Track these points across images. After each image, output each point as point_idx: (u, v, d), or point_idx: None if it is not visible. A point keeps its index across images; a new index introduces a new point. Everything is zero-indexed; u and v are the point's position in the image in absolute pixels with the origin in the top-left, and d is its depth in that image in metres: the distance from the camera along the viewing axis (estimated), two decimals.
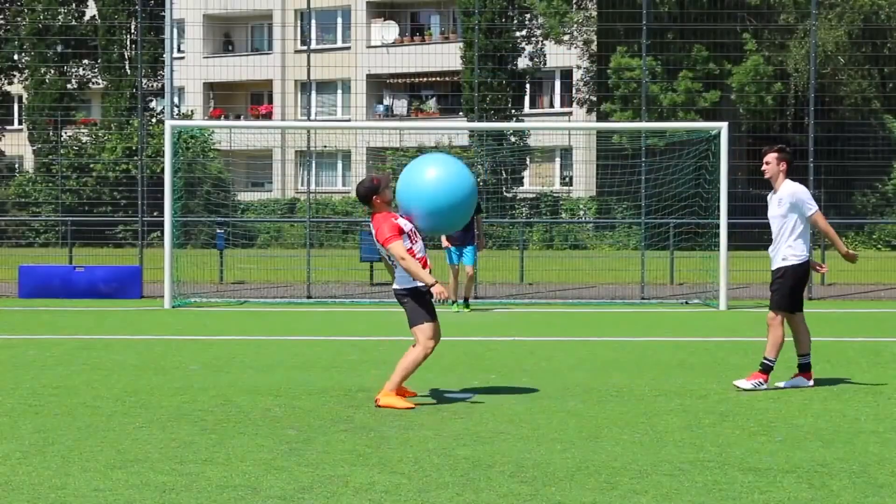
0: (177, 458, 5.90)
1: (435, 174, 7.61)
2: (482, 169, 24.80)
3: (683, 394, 8.17)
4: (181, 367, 9.64)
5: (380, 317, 14.90)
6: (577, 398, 7.96)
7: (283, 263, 21.65)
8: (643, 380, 8.88)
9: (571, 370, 9.50)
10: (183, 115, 34.38)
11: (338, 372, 9.33)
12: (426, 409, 7.49)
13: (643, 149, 19.05)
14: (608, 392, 8.23)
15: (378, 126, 33.78)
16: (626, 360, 10.18)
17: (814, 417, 7.23)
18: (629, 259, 20.98)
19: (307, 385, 8.52)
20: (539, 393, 8.21)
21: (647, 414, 7.33)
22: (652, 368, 9.62)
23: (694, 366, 9.82)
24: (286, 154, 35.31)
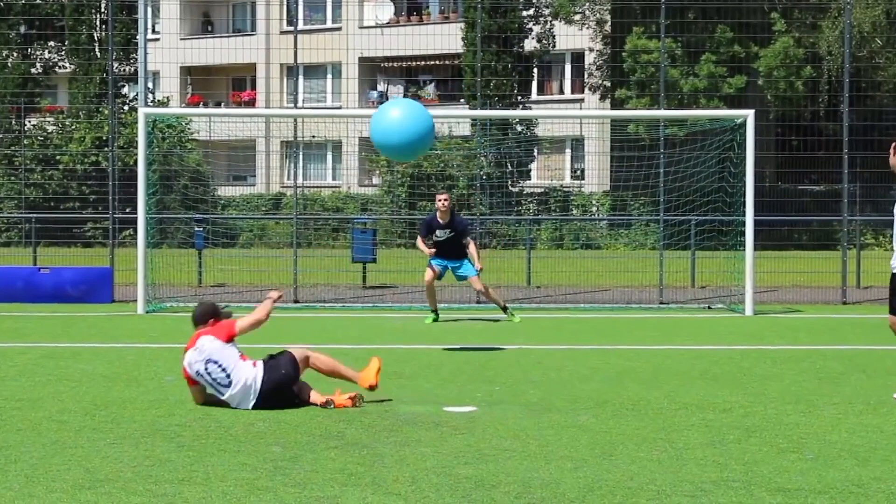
0: (151, 478, 5.90)
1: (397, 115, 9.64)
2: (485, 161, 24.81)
3: (705, 407, 8.17)
4: (156, 377, 9.64)
5: (373, 323, 14.91)
6: (589, 412, 7.96)
7: (268, 264, 21.66)
8: (661, 392, 8.88)
9: (583, 381, 9.50)
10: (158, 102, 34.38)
11: (327, 382, 9.34)
12: (424, 424, 7.50)
13: (662, 139, 19.05)
14: (623, 405, 8.24)
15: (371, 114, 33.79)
16: (643, 371, 10.18)
17: (848, 433, 7.23)
18: (646, 260, 20.99)
19: None
20: (547, 406, 8.21)
21: (665, 429, 7.33)
22: (671, 379, 9.62)
23: (717, 377, 9.83)
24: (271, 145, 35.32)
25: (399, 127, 9.66)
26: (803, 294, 18.89)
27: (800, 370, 10.31)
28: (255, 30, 44.44)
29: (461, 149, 29.06)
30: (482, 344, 12.44)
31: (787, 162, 27.61)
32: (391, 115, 9.74)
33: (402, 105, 9.91)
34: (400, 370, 10.15)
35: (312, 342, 12.58)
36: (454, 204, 18.38)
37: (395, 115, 9.73)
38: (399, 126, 9.66)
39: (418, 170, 27.57)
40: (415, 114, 9.76)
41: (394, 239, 24.49)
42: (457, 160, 28.97)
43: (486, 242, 22.33)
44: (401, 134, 9.66)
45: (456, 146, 29.63)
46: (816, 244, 23.82)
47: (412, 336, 13.41)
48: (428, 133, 9.78)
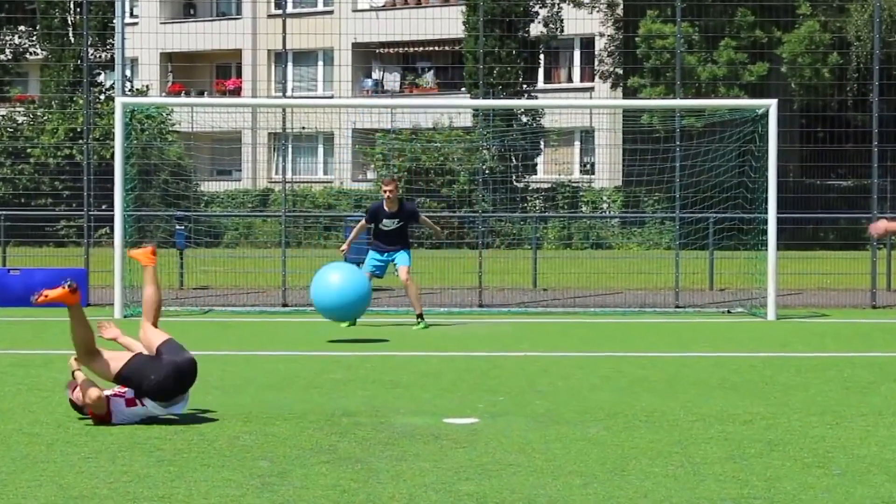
0: (129, 495, 5.90)
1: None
2: (488, 154, 24.82)
3: (725, 419, 8.17)
4: None
5: (368, 329, 14.91)
6: (599, 424, 7.96)
7: (255, 265, 21.65)
8: (677, 402, 8.88)
9: (593, 391, 9.50)
10: (136, 91, 34.39)
11: (318, 393, 9.34)
12: (422, 437, 7.49)
13: (678, 131, 19.05)
14: (636, 417, 8.24)
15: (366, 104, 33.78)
16: (658, 380, 10.17)
17: (878, 447, 7.23)
18: (661, 260, 20.98)
19: (282, 408, 8.52)
20: (555, 418, 8.21)
21: (681, 442, 7.33)
22: (688, 389, 9.62)
23: (737, 386, 9.82)
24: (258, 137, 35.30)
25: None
26: (830, 297, 18.88)
27: (826, 379, 10.30)
28: (240, 13, 44.42)
29: (462, 141, 29.07)
30: (485, 351, 12.43)
31: (812, 155, 27.60)
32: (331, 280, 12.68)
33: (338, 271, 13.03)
34: (396, 379, 10.14)
35: (303, 349, 12.58)
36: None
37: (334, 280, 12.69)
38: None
39: (416, 164, 27.58)
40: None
41: None
42: (457, 153, 28.97)
43: (489, 242, 22.33)
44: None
45: (457, 138, 29.63)
46: (844, 244, 23.80)
47: (409, 342, 13.41)
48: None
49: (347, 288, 13.10)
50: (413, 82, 42.18)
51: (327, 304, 13.14)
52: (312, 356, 11.96)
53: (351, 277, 13.23)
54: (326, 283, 13.12)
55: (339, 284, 13.08)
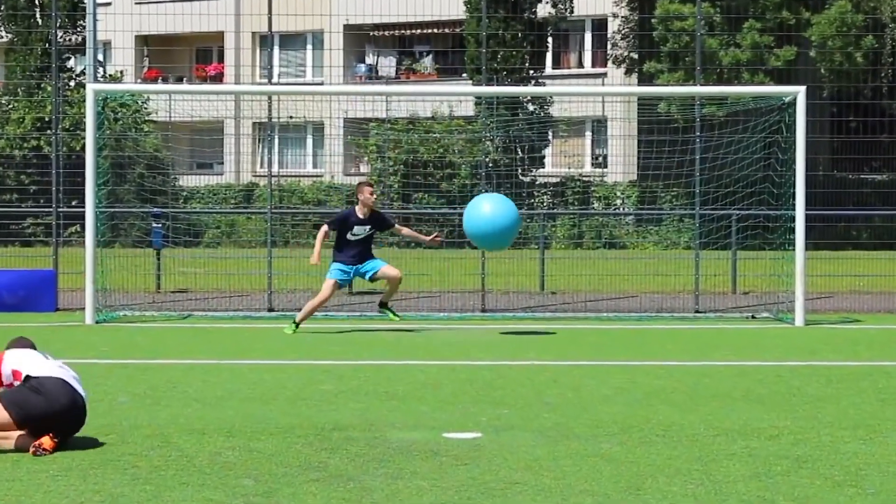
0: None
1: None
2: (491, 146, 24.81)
3: (749, 433, 8.17)
4: (107, 398, 9.64)
5: (360, 336, 14.90)
6: (612, 439, 7.96)
7: (238, 266, 21.65)
8: (698, 415, 8.88)
9: (606, 403, 9.50)
10: (109, 77, 34.37)
11: (307, 405, 9.34)
12: (420, 453, 7.49)
13: (698, 120, 19.05)
14: (653, 431, 8.23)
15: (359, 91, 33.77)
16: (676, 391, 10.17)
17: None
18: (680, 261, 20.98)
19: (268, 422, 8.52)
20: (564, 432, 8.21)
21: (702, 459, 7.33)
22: (709, 401, 9.62)
23: (762, 397, 9.82)
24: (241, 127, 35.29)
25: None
26: (863, 301, 18.88)
27: (859, 390, 10.30)
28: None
29: (463, 132, 29.06)
30: (488, 359, 12.43)
31: (843, 147, 27.58)
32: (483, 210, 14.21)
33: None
34: (392, 390, 10.15)
35: (290, 358, 12.58)
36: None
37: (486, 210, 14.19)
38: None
39: (413, 156, 27.57)
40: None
41: (385, 237, 24.47)
42: (458, 145, 28.95)
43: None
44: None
45: (457, 129, 29.62)
46: (878, 243, 23.81)
47: (406, 350, 13.41)
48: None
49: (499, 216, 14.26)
50: (410, 68, 42.18)
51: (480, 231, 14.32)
52: (300, 365, 11.96)
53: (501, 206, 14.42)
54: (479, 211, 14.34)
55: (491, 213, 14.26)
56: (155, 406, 9.26)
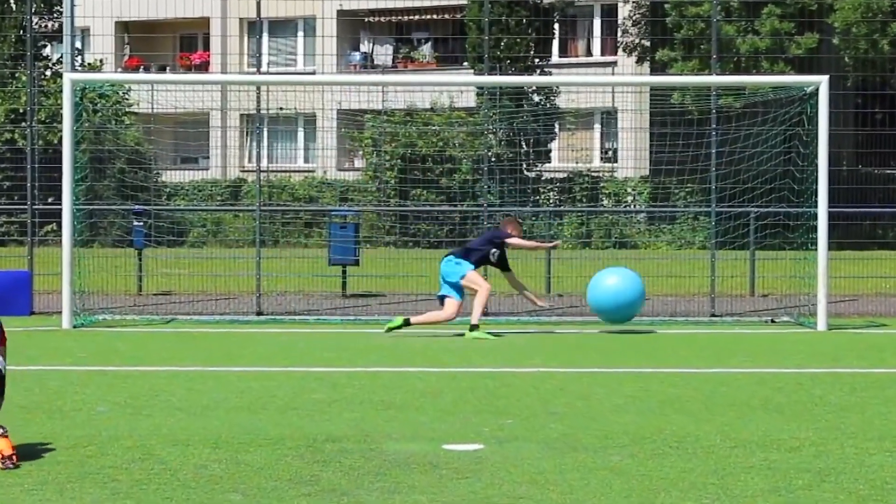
0: None
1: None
2: (494, 139, 24.82)
3: (768, 445, 8.16)
4: (85, 408, 9.64)
5: (354, 340, 14.90)
6: (623, 450, 7.95)
7: (224, 267, 21.65)
8: (713, 426, 8.88)
9: (616, 412, 9.50)
10: (88, 65, 34.38)
11: (298, 415, 9.33)
12: (419, 465, 7.49)
13: (714, 112, 19.05)
14: (666, 442, 8.23)
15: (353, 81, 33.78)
16: (691, 399, 10.17)
17: None
18: (695, 262, 20.99)
19: (256, 433, 8.52)
20: (572, 443, 8.21)
21: (718, 472, 7.32)
22: (725, 410, 9.62)
23: (782, 407, 9.82)
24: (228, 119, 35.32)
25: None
26: (889, 304, 18.87)
27: (885, 399, 10.30)
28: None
29: (464, 124, 29.06)
30: (491, 366, 12.43)
31: (869, 140, 27.59)
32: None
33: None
34: (388, 399, 10.14)
35: (280, 364, 12.58)
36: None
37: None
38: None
39: (411, 150, 27.58)
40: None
41: (381, 236, 24.48)
42: (459, 138, 28.95)
43: None
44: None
45: (458, 121, 29.62)
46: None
47: (404, 356, 13.41)
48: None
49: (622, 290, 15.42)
50: (408, 56, 42.18)
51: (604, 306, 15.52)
52: (291, 372, 11.95)
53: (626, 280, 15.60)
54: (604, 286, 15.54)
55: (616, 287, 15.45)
56: (136, 416, 9.25)
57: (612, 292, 15.36)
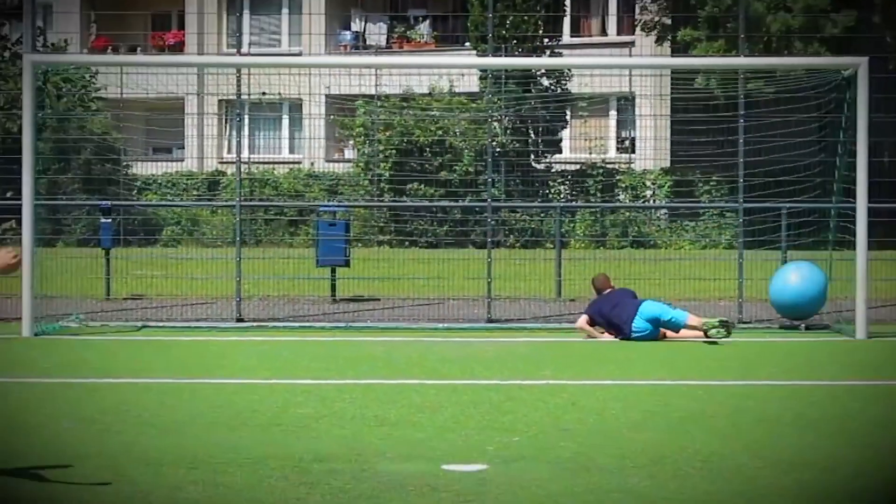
0: None
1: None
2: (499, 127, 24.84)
3: (801, 465, 8.17)
4: (48, 424, 9.64)
5: (345, 349, 14.91)
6: (641, 472, 7.96)
7: (202, 269, 21.66)
8: (740, 443, 8.89)
9: (634, 429, 9.51)
10: (51, 46, 34.38)
11: (283, 432, 9.34)
12: (416, 488, 7.50)
13: (741, 97, 19.06)
14: (688, 462, 8.24)
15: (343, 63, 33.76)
16: (716, 415, 10.18)
17: None
18: (720, 263, 20.98)
19: (237, 452, 8.53)
20: (585, 464, 8.22)
21: (745, 494, 7.33)
22: (754, 427, 9.63)
23: (817, 423, 9.83)
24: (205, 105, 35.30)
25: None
26: None
27: None
28: None
29: (466, 111, 29.09)
30: (495, 378, 12.43)
31: None
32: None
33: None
34: (382, 414, 10.15)
35: (262, 377, 12.59)
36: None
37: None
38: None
39: (407, 140, 27.60)
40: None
41: (374, 235, 24.50)
42: (460, 126, 28.98)
43: (500, 240, 22.35)
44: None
45: (459, 107, 29.64)
46: None
47: (399, 367, 13.42)
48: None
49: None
50: (404, 35, 42.16)
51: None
52: (275, 385, 11.96)
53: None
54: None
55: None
56: (105, 433, 9.26)
57: (795, 290, 16.81)
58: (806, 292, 16.79)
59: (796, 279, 16.87)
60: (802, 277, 16.85)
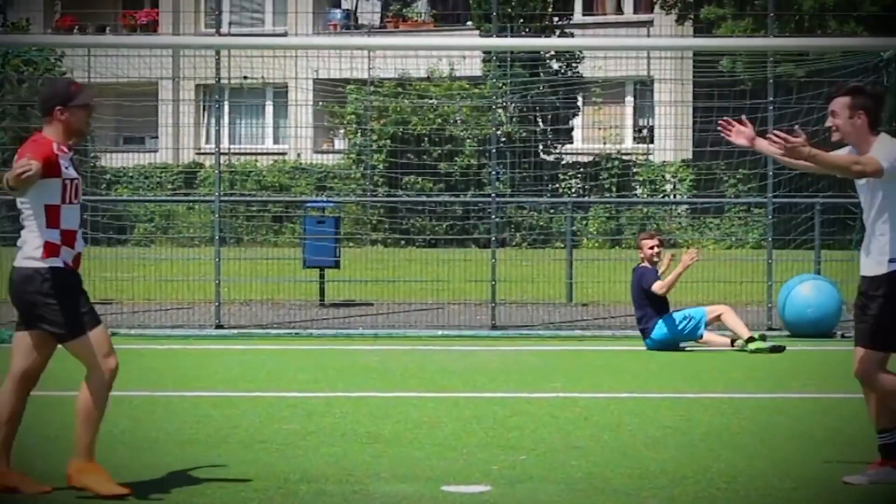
0: None
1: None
2: (504, 115, 24.85)
3: (836, 487, 8.18)
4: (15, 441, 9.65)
5: (334, 359, 14.92)
6: (661, 494, 7.97)
7: (178, 271, 21.67)
8: (769, 462, 8.89)
9: (651, 446, 9.51)
10: (12, 26, 34.40)
11: (266, 450, 9.35)
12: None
13: (770, 82, 19.07)
14: (712, 483, 8.25)
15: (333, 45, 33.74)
16: (742, 431, 10.19)
17: None
18: (747, 264, 20.98)
19: (216, 471, 8.53)
20: (598, 485, 8.23)
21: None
22: (784, 443, 9.63)
23: (853, 439, 9.83)
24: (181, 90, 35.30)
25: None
26: None
27: None
28: None
29: (468, 97, 29.10)
30: (500, 391, 12.44)
31: None
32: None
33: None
34: (376, 430, 10.16)
35: (244, 389, 12.59)
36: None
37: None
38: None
39: (403, 129, 27.59)
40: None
41: (366, 233, 24.51)
42: (461, 114, 28.98)
43: (505, 239, 22.34)
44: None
45: (461, 93, 29.65)
46: None
47: (395, 378, 13.42)
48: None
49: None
50: (399, 14, 42.20)
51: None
52: (259, 398, 11.96)
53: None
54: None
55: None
56: (70, 451, 9.25)
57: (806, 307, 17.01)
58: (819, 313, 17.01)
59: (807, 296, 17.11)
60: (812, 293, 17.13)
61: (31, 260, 7.94)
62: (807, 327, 16.89)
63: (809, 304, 16.92)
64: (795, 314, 16.98)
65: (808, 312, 16.89)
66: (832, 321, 17.06)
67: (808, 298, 16.98)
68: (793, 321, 17.05)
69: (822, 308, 16.92)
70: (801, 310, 16.93)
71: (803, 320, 16.93)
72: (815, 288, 17.19)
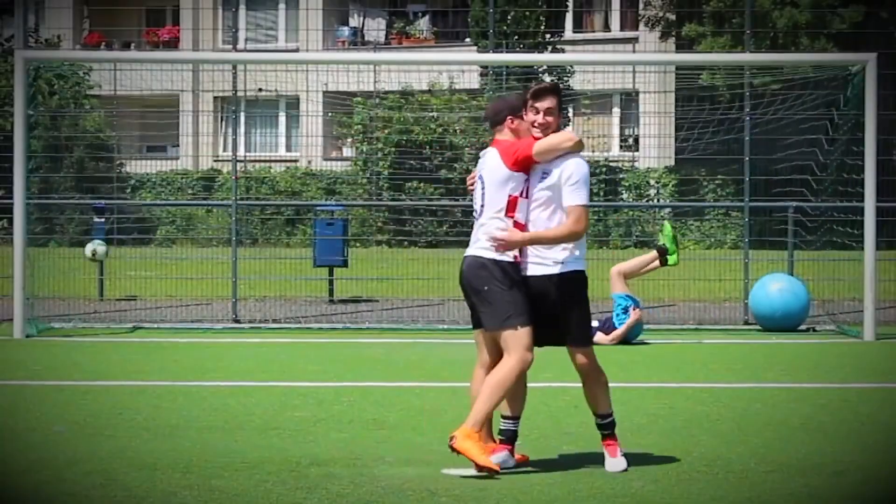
0: None
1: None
2: None
3: (809, 469, 8.15)
4: (39, 428, 9.62)
5: (342, 351, 14.90)
6: (646, 476, 7.95)
7: (197, 269, 21.65)
8: (747, 448, 8.87)
9: (637, 433, 9.49)
10: (44, 42, 34.38)
11: (279, 436, 9.33)
12: (415, 492, 7.49)
13: (747, 94, 19.03)
14: (693, 466, 8.23)
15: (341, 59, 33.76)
16: (722, 418, 10.17)
17: None
18: (726, 263, 20.96)
19: (232, 456, 8.51)
20: (588, 469, 8.20)
21: (753, 500, 7.32)
22: (761, 430, 9.61)
23: (825, 426, 9.81)
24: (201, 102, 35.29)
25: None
26: None
27: None
28: None
29: (467, 108, 29.06)
30: None
31: None
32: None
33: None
34: (381, 417, 10.14)
35: (259, 379, 12.58)
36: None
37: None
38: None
39: (406, 138, 27.57)
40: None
41: (372, 234, 24.48)
42: (461, 124, 28.95)
43: None
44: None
45: (459, 104, 29.62)
46: None
47: (398, 369, 13.40)
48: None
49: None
50: (403, 31, 42.17)
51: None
52: (271, 387, 11.94)
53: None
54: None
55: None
56: (97, 437, 9.24)
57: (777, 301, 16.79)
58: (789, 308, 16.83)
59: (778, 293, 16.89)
60: (782, 291, 16.88)
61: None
62: (778, 321, 16.78)
63: (779, 302, 16.76)
64: (767, 310, 16.85)
65: (778, 309, 16.74)
66: (801, 316, 16.96)
67: (778, 295, 16.80)
68: (764, 316, 16.92)
69: (791, 304, 16.76)
70: (772, 306, 16.79)
71: (775, 315, 16.78)
72: (786, 285, 17.02)
